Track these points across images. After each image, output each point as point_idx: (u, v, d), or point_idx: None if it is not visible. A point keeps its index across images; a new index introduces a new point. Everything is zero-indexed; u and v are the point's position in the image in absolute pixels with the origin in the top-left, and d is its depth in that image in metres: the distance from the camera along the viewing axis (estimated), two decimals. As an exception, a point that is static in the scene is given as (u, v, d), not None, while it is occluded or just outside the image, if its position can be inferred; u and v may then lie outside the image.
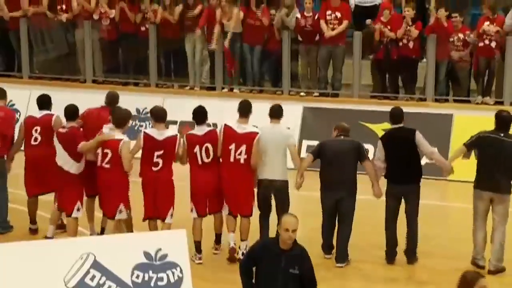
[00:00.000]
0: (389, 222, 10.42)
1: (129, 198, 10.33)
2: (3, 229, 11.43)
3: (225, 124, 10.40)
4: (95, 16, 16.82)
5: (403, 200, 10.40)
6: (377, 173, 10.44)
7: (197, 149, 10.21)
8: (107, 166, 10.16)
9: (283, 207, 10.27)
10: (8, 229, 11.48)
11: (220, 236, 10.70)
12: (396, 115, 10.59)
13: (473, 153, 11.98)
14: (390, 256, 10.49)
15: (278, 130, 10.49)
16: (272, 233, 9.81)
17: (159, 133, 10.18)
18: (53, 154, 10.59)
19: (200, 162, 10.24)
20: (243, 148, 10.21)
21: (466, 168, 11.23)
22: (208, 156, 10.22)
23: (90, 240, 8.68)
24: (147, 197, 10.26)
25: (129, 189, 10.32)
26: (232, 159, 10.25)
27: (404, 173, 10.32)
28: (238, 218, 10.47)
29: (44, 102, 11.37)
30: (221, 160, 10.35)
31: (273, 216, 10.37)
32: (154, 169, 10.15)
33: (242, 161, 10.22)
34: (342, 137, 10.53)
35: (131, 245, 7.44)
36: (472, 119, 14.20)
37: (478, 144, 10.32)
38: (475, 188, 10.21)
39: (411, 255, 10.46)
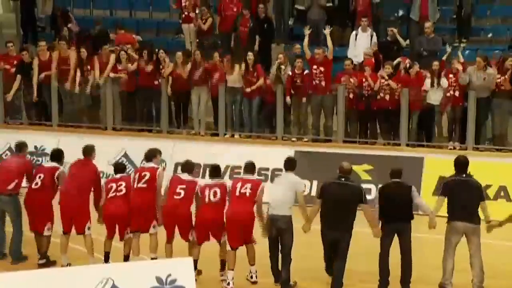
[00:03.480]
0: (383, 256, 10.31)
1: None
2: (18, 259, 11.27)
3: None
4: (111, 75, 16.82)
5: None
6: (375, 221, 10.32)
7: (207, 191, 10.46)
8: (144, 185, 10.66)
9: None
10: (22, 259, 11.31)
11: (225, 263, 10.58)
12: (396, 172, 10.56)
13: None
14: (384, 286, 10.36)
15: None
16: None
17: (184, 175, 10.75)
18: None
19: (207, 201, 10.42)
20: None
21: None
22: (215, 197, 10.42)
23: (109, 266, 8.69)
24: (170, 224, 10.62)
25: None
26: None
27: (399, 216, 10.29)
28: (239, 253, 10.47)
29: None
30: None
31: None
32: (176, 197, 10.45)
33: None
34: (343, 179, 10.27)
35: (145, 271, 7.47)
36: (440, 162, 14.27)
37: (447, 190, 10.35)
38: (450, 221, 10.22)
39: (406, 284, 10.35)
